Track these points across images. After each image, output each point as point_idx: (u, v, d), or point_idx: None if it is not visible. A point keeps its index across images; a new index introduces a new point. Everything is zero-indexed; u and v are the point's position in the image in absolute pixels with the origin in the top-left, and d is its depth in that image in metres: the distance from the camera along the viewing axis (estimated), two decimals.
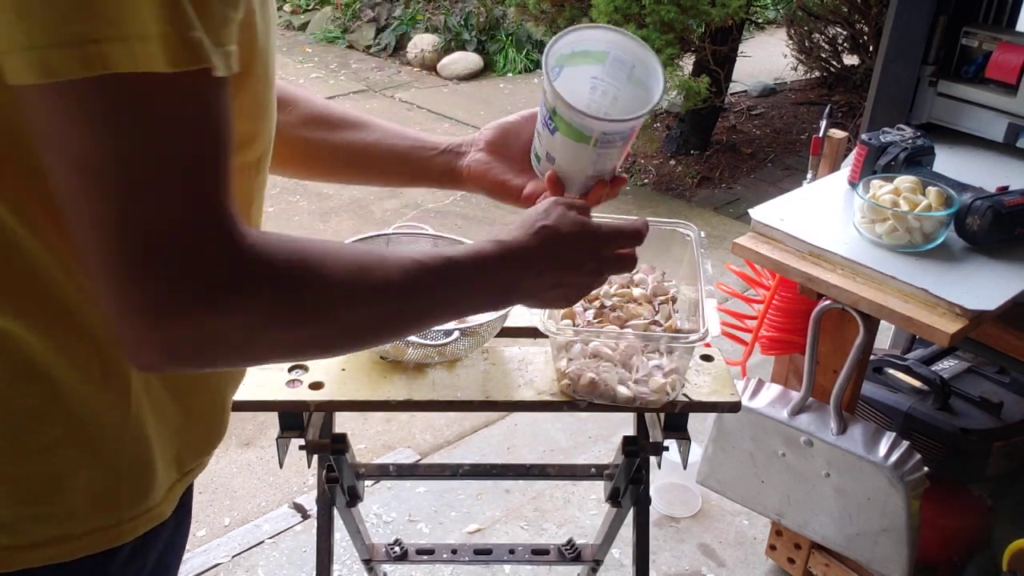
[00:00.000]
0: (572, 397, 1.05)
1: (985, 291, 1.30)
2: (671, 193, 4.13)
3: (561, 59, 0.78)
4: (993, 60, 1.68)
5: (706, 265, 1.05)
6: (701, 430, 1.86)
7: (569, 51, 0.78)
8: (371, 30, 6.35)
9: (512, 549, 1.49)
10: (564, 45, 0.77)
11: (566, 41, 0.77)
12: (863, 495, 1.53)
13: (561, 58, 0.78)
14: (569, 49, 0.77)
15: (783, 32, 5.46)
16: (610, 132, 0.76)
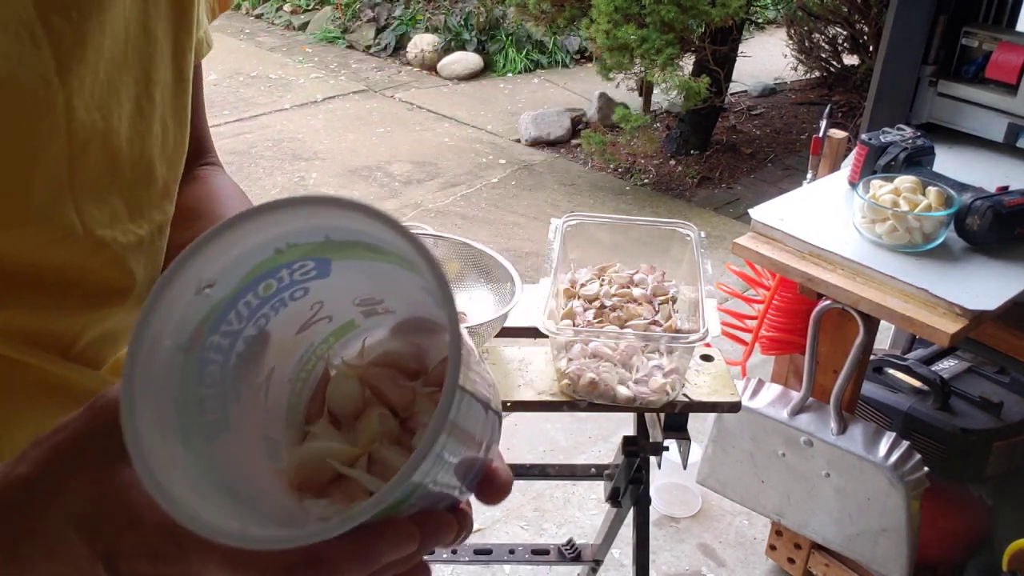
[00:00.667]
0: (572, 397, 1.05)
1: (985, 291, 1.30)
2: (671, 193, 4.13)
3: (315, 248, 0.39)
4: (993, 60, 1.68)
5: (706, 265, 1.05)
6: (701, 430, 1.86)
7: (319, 238, 0.38)
8: (371, 30, 6.35)
9: (512, 549, 1.49)
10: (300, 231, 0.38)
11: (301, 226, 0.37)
12: (863, 495, 1.53)
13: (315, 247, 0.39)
14: (317, 236, 0.38)
15: (783, 32, 5.47)
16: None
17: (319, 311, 0.43)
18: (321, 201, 0.35)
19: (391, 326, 0.45)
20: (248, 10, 7.21)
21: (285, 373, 0.44)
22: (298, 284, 0.40)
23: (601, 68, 3.89)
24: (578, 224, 1.16)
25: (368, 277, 0.41)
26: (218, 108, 5.11)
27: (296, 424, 0.44)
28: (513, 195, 4.07)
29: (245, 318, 0.39)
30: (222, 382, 0.39)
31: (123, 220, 0.54)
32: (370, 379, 0.43)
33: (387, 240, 0.36)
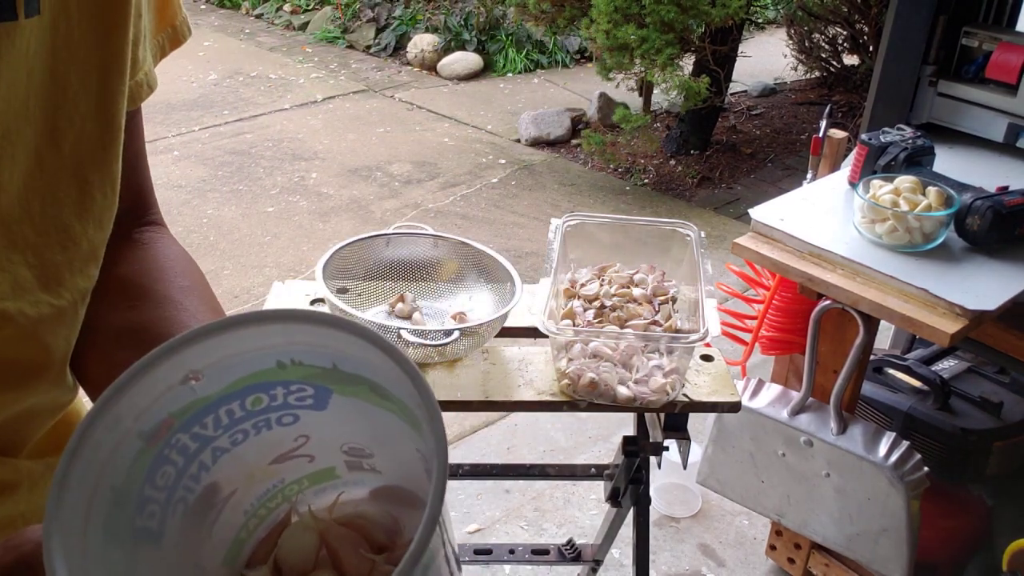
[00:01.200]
0: (572, 397, 1.05)
1: (985, 291, 1.30)
2: (671, 193, 4.13)
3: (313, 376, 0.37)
4: (993, 60, 1.68)
5: (706, 265, 1.05)
6: (701, 430, 1.86)
7: (326, 364, 0.36)
8: (371, 30, 6.35)
9: (512, 549, 1.49)
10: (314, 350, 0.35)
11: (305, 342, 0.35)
12: (863, 495, 1.53)
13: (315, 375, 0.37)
14: (324, 360, 0.36)
15: (783, 32, 5.46)
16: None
17: (302, 446, 0.39)
18: (341, 325, 0.33)
19: (372, 487, 0.41)
20: (248, 10, 7.21)
21: (243, 503, 0.39)
22: (290, 409, 0.37)
23: (601, 68, 3.89)
24: (578, 224, 1.16)
25: (364, 424, 0.37)
26: (218, 108, 5.11)
27: (236, 564, 0.39)
28: (513, 195, 4.07)
29: (223, 427, 0.36)
30: (171, 489, 0.35)
31: (32, 290, 0.47)
32: (331, 538, 0.38)
33: (394, 380, 0.33)
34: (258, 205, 3.90)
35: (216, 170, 4.29)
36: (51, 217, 0.47)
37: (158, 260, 0.61)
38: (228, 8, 7.34)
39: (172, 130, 4.78)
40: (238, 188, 4.09)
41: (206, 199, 3.94)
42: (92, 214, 0.50)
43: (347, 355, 0.34)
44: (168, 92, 5.36)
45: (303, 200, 3.95)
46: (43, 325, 0.48)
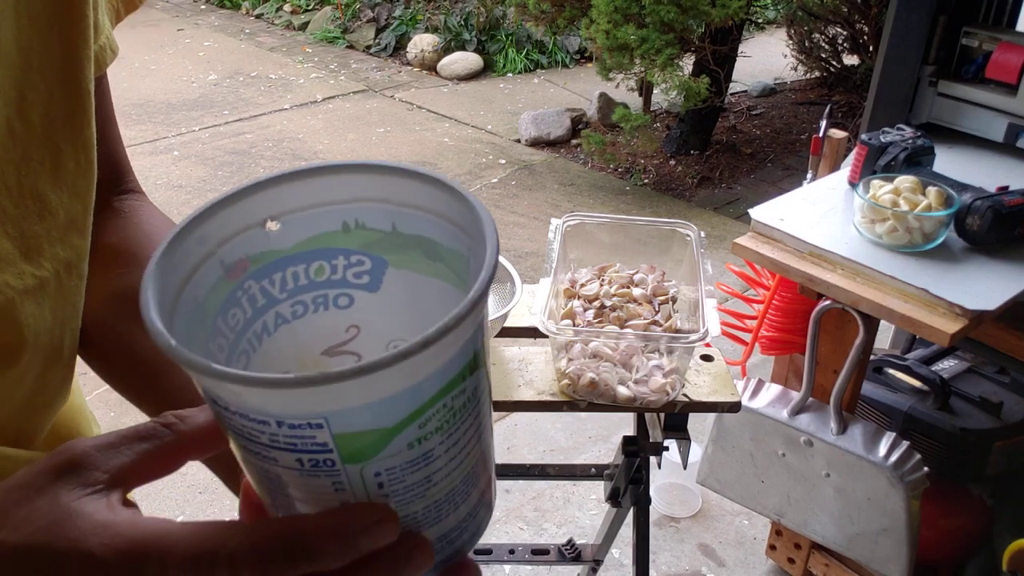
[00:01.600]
0: (572, 397, 1.05)
1: (985, 291, 1.30)
2: (671, 193, 4.13)
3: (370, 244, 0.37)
4: (993, 60, 1.68)
5: (706, 265, 1.05)
6: (701, 430, 1.86)
7: (386, 226, 0.37)
8: (371, 30, 6.35)
9: (512, 549, 1.49)
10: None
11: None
12: (863, 495, 1.53)
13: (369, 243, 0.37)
14: (385, 221, 0.37)
15: (783, 32, 5.46)
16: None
17: (353, 339, 0.40)
18: (397, 170, 0.34)
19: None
20: (248, 10, 7.21)
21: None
22: (348, 286, 0.38)
23: (601, 68, 3.89)
24: (578, 224, 1.16)
25: (414, 304, 0.38)
26: (218, 108, 5.11)
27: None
28: (513, 195, 4.07)
29: (288, 290, 0.37)
30: (239, 337, 0.36)
31: (14, 262, 0.47)
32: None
33: (451, 229, 0.35)
34: None
35: (216, 170, 4.29)
36: (27, 187, 0.47)
37: (141, 227, 0.61)
38: (228, 8, 7.34)
39: (172, 130, 4.78)
40: None
41: (206, 199, 3.94)
42: (66, 183, 0.50)
43: (407, 207, 0.35)
44: (168, 92, 5.37)
45: None
46: (27, 296, 0.48)
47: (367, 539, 0.31)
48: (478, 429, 0.34)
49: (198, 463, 0.42)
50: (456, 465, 0.33)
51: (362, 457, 0.30)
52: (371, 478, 0.31)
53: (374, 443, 0.30)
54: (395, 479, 0.31)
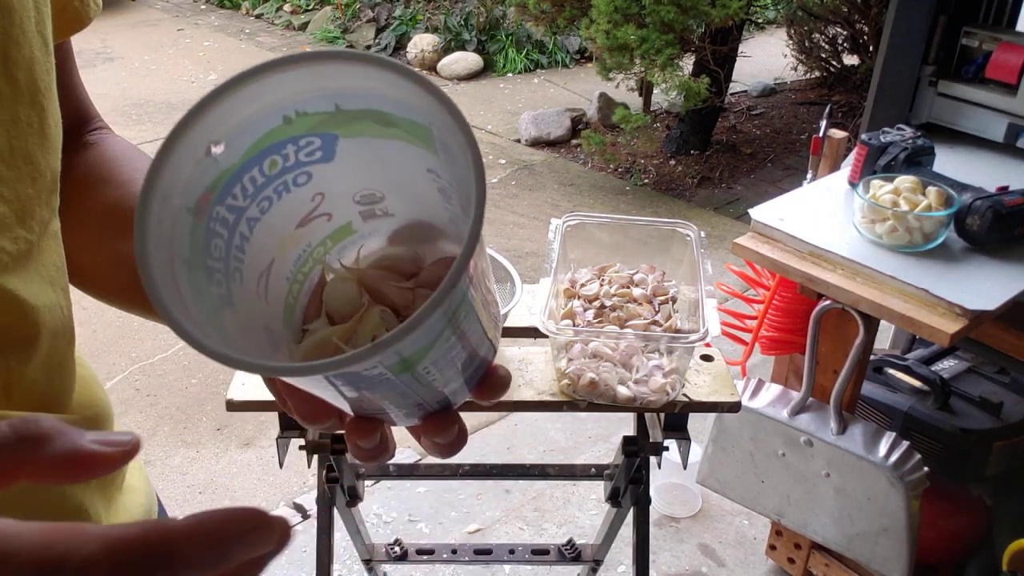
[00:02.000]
0: (572, 397, 1.05)
1: (985, 291, 1.30)
2: (671, 193, 4.13)
3: (315, 124, 0.37)
4: (993, 60, 1.68)
5: (706, 265, 1.05)
6: (701, 430, 1.86)
7: (328, 107, 0.36)
8: (371, 30, 6.35)
9: (512, 549, 1.49)
10: (309, 96, 0.35)
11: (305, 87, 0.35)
12: (863, 495, 1.53)
13: (315, 123, 0.37)
14: (327, 104, 0.36)
15: (783, 32, 5.47)
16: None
17: (319, 204, 0.41)
18: (334, 56, 0.33)
19: (389, 233, 0.43)
20: (248, 10, 7.21)
21: (283, 270, 0.42)
22: (302, 166, 0.38)
23: (601, 68, 3.89)
24: (578, 224, 1.16)
25: (372, 162, 0.39)
26: None
27: (293, 325, 0.43)
28: (513, 195, 4.07)
29: (250, 196, 0.38)
30: (226, 259, 0.38)
31: (11, 226, 0.46)
32: (368, 281, 0.42)
33: (399, 99, 0.34)
34: None
35: None
36: (18, 150, 0.47)
37: (108, 152, 0.63)
38: (228, 8, 7.34)
39: None
40: None
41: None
42: (51, 142, 0.49)
43: (349, 89, 0.34)
44: (168, 92, 5.37)
45: None
46: (19, 262, 0.47)
47: (241, 548, 0.29)
48: (489, 283, 0.38)
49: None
50: (480, 319, 0.37)
51: (413, 366, 0.34)
52: (420, 372, 0.34)
53: (422, 354, 0.33)
54: (439, 363, 0.35)
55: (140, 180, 0.51)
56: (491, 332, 0.40)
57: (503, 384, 0.43)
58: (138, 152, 0.65)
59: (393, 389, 0.35)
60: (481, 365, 0.41)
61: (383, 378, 0.33)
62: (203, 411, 2.57)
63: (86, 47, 6.08)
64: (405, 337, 0.30)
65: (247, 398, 1.03)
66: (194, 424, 2.52)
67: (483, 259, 0.36)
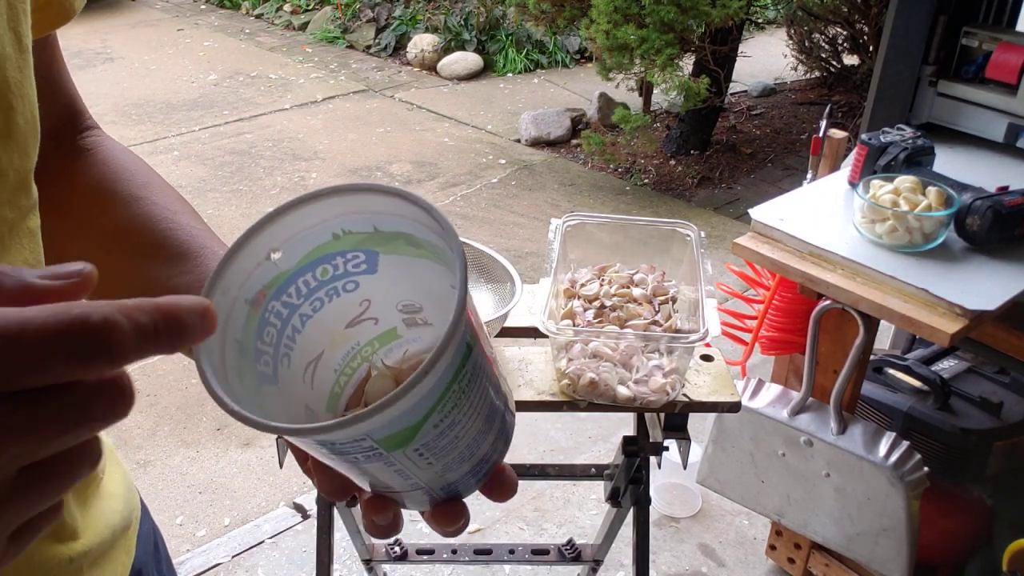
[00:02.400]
0: (572, 397, 1.05)
1: (985, 291, 1.30)
2: (671, 193, 4.13)
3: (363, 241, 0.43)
4: (993, 60, 1.68)
5: (706, 265, 1.05)
6: (701, 430, 1.86)
7: (369, 228, 0.43)
8: (371, 30, 6.35)
9: (512, 549, 1.49)
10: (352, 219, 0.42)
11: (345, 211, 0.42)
12: (863, 495, 1.53)
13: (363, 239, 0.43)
14: (367, 225, 0.42)
15: (783, 32, 5.47)
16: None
17: (367, 310, 0.47)
18: (370, 189, 0.40)
19: (430, 340, 0.49)
20: (248, 10, 7.21)
21: (332, 362, 0.48)
22: (350, 276, 0.45)
23: (601, 68, 3.89)
24: (578, 224, 1.16)
25: (410, 277, 0.45)
26: (218, 108, 5.11)
27: (336, 411, 0.49)
28: (513, 195, 4.07)
29: (303, 296, 0.44)
30: (276, 346, 0.43)
31: None
32: (403, 378, 0.47)
33: (419, 224, 0.40)
34: (258, 205, 3.90)
35: (216, 170, 4.29)
36: None
37: (109, 163, 0.63)
38: (228, 8, 7.34)
39: (172, 130, 4.78)
40: (238, 188, 4.09)
41: (206, 199, 3.94)
42: (16, 142, 0.49)
43: (383, 214, 0.41)
44: (168, 92, 5.37)
45: None
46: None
47: (70, 365, 0.26)
48: (487, 383, 0.41)
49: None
50: (476, 415, 0.40)
51: (402, 445, 0.37)
52: (412, 453, 0.38)
53: (407, 435, 0.37)
54: (431, 447, 0.39)
55: (146, 198, 0.55)
56: (490, 438, 0.44)
57: (510, 483, 0.46)
58: (137, 161, 0.66)
59: (390, 466, 0.39)
60: (487, 460, 0.45)
61: (376, 453, 0.37)
62: (203, 411, 2.57)
63: (86, 47, 6.09)
64: (382, 411, 0.33)
65: None
66: (194, 424, 2.52)
67: (485, 363, 0.40)
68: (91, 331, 0.26)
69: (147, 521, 0.73)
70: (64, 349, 0.25)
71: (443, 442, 0.39)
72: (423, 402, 0.36)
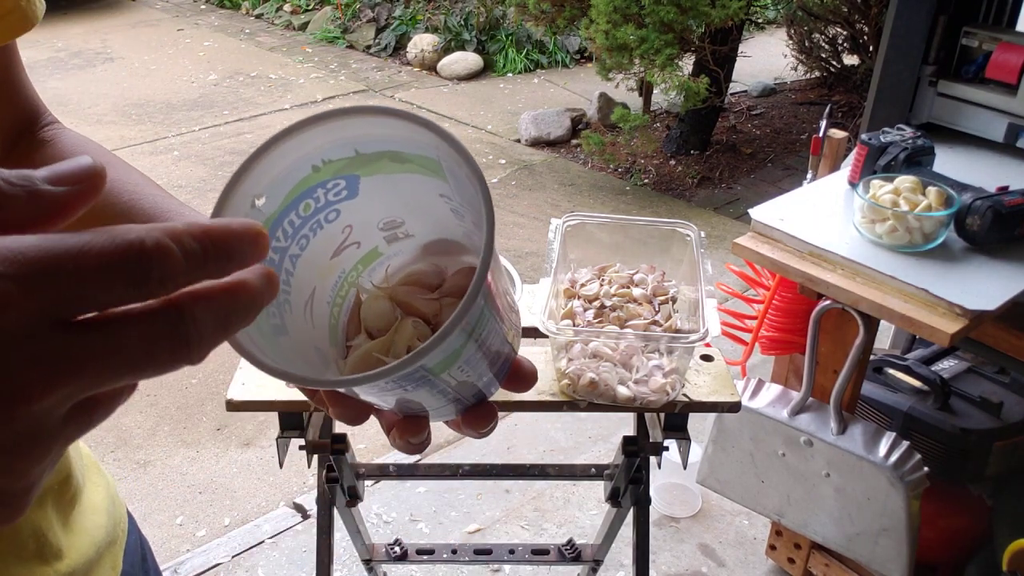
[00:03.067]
0: (572, 397, 1.05)
1: (985, 291, 1.30)
2: (671, 193, 4.13)
3: (341, 168, 0.43)
4: (993, 60, 1.68)
5: (706, 265, 1.05)
6: (701, 430, 1.86)
7: (349, 153, 0.42)
8: (371, 30, 6.35)
9: (512, 549, 1.49)
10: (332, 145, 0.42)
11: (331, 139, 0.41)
12: (863, 495, 1.53)
13: (341, 166, 0.43)
14: (347, 150, 0.42)
15: (783, 32, 5.47)
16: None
17: (349, 235, 0.47)
18: (351, 111, 0.39)
19: (411, 251, 0.49)
20: (248, 10, 7.21)
21: (324, 296, 0.48)
22: (331, 205, 0.44)
23: (601, 68, 3.89)
24: (578, 224, 1.16)
25: (391, 194, 0.45)
26: (218, 108, 5.11)
27: (338, 342, 0.49)
28: (513, 195, 4.07)
29: (290, 236, 0.43)
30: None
31: None
32: (398, 296, 0.48)
33: (410, 140, 0.39)
34: None
35: (216, 170, 4.29)
36: None
37: (67, 150, 0.64)
38: (228, 8, 7.34)
39: (172, 130, 4.78)
40: None
41: (206, 199, 3.94)
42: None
43: (366, 136, 0.41)
44: (168, 92, 5.36)
45: None
46: None
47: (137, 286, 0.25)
48: (505, 283, 0.43)
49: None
50: (499, 318, 0.42)
51: (449, 366, 0.39)
52: (456, 371, 0.40)
53: (455, 356, 0.38)
54: (470, 360, 0.40)
55: (114, 183, 0.53)
56: (511, 335, 0.46)
57: (530, 374, 0.47)
58: (98, 147, 0.67)
59: (434, 388, 0.40)
60: (507, 360, 0.47)
61: (425, 379, 0.38)
62: (203, 411, 2.57)
63: (86, 47, 6.09)
64: (441, 343, 0.35)
65: (247, 398, 1.03)
66: (194, 424, 2.52)
67: (499, 273, 0.41)
68: (145, 256, 0.25)
69: (133, 532, 0.72)
70: (122, 274, 0.25)
71: (479, 353, 0.41)
72: (468, 324, 0.37)
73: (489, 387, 0.47)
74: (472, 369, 0.42)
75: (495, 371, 0.45)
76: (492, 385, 0.47)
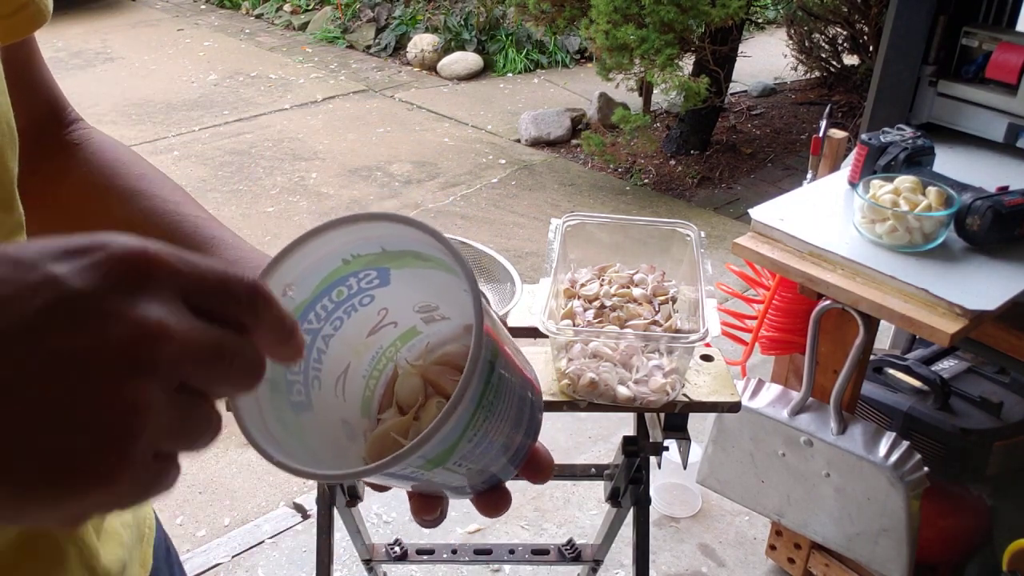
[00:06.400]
0: (572, 397, 1.05)
1: (985, 291, 1.30)
2: (671, 193, 4.13)
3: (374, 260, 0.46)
4: (993, 60, 1.68)
5: (706, 265, 1.05)
6: (701, 430, 1.86)
7: (376, 249, 0.45)
8: (371, 30, 6.35)
9: (512, 549, 1.49)
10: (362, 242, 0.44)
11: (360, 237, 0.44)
12: (863, 495, 1.53)
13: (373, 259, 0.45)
14: (375, 247, 0.45)
15: (783, 32, 5.47)
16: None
17: (385, 317, 0.49)
18: (374, 217, 0.42)
19: (453, 330, 0.52)
20: (248, 10, 7.21)
21: (359, 370, 0.50)
22: (364, 291, 0.47)
23: (601, 68, 3.89)
24: (578, 224, 1.16)
25: (422, 284, 0.47)
26: (218, 108, 5.11)
27: (370, 414, 0.51)
28: (513, 195, 4.07)
29: (323, 319, 0.46)
30: (305, 372, 0.46)
31: None
32: (429, 375, 0.51)
33: (427, 245, 0.42)
34: (258, 205, 3.91)
35: (216, 170, 4.29)
36: None
37: (100, 156, 0.63)
38: (228, 8, 7.34)
39: (172, 130, 4.78)
40: (238, 188, 4.09)
41: (206, 199, 3.94)
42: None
43: (389, 237, 0.43)
44: (168, 92, 5.36)
45: (303, 200, 3.95)
46: None
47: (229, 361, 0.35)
48: (515, 385, 0.44)
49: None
50: (506, 419, 0.43)
51: (441, 463, 0.40)
52: (452, 465, 0.41)
53: (445, 456, 0.40)
54: (467, 457, 0.42)
55: (144, 190, 0.55)
56: (524, 426, 0.48)
57: (547, 465, 0.50)
58: (129, 152, 0.65)
59: (433, 477, 0.42)
60: (522, 448, 0.49)
61: (417, 473, 0.41)
62: None
63: (86, 47, 6.08)
64: (420, 448, 0.36)
65: None
66: None
67: (509, 367, 0.44)
68: (243, 289, 0.33)
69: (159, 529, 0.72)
70: (232, 299, 0.33)
71: (478, 450, 0.42)
72: (453, 431, 0.38)
73: (499, 475, 0.49)
74: (475, 461, 0.43)
75: (506, 460, 0.48)
76: (504, 472, 0.49)
